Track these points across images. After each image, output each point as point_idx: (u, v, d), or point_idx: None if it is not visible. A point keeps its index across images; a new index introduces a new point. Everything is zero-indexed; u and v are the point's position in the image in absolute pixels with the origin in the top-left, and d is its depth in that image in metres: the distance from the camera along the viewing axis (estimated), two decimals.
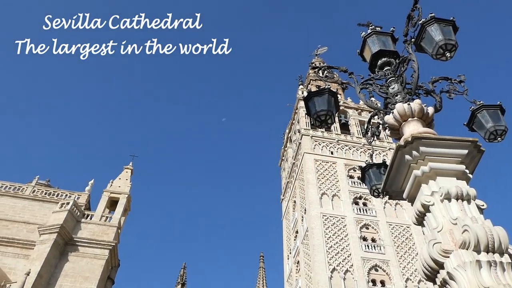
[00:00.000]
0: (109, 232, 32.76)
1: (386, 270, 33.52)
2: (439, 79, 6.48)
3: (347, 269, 33.03)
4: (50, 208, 33.87)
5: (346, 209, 38.11)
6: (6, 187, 35.70)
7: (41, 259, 28.63)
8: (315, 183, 40.22)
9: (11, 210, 33.81)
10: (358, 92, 6.57)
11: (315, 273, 32.62)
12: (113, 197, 35.98)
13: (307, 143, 45.09)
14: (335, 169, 42.50)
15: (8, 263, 30.03)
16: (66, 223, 31.22)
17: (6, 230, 32.23)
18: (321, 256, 33.59)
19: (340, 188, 40.19)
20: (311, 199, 38.74)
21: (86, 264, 30.29)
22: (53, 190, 36.60)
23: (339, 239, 35.25)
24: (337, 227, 36.24)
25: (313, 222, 36.44)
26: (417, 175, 4.97)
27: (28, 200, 34.89)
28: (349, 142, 46.31)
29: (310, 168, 42.05)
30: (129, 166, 39.90)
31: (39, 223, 32.15)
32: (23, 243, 31.26)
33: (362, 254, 34.32)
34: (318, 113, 6.52)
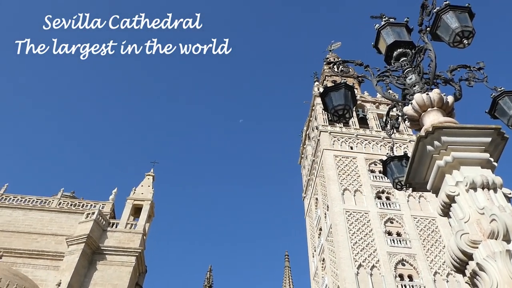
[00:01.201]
0: (135, 239, 33.19)
1: (413, 264, 33.04)
2: (458, 67, 6.37)
3: (373, 265, 32.68)
4: (76, 219, 34.53)
5: (369, 204, 37.73)
6: (33, 201, 36.56)
7: (70, 270, 29.20)
8: (336, 179, 39.95)
9: (39, 223, 34.61)
10: (375, 84, 6.51)
11: (341, 270, 32.38)
12: (137, 204, 36.45)
13: (326, 140, 44.82)
14: (355, 164, 42.14)
15: (40, 275, 30.71)
16: (92, 233, 31.77)
17: (35, 243, 33.00)
18: (346, 253, 33.32)
19: (361, 183, 39.82)
20: (333, 196, 38.50)
21: (114, 272, 30.74)
22: (78, 201, 37.32)
23: (364, 235, 34.92)
24: (361, 223, 35.91)
25: (336, 219, 36.19)
26: (440, 166, 4.90)
27: (55, 213, 35.64)
28: (368, 136, 45.86)
29: (330, 165, 41.78)
30: (151, 173, 40.37)
31: (67, 234, 32.80)
32: (53, 255, 31.94)
33: (387, 249, 33.91)
34: (336, 108, 6.49)
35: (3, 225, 34.24)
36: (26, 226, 34.29)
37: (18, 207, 35.78)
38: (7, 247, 31.39)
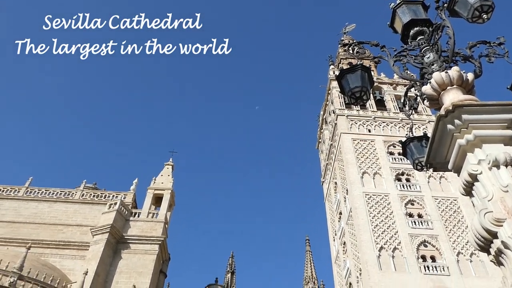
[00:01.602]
0: (157, 228, 33.77)
1: (435, 245, 32.83)
2: (477, 43, 6.22)
3: (395, 247, 32.59)
4: (99, 209, 35.28)
5: (389, 187, 37.48)
6: (57, 193, 37.48)
7: (96, 259, 29.95)
8: (354, 163, 39.74)
9: (64, 215, 35.50)
10: (392, 65, 6.42)
11: (362, 253, 32.40)
12: (157, 193, 36.99)
13: (343, 123, 44.50)
14: (374, 147, 41.80)
15: (67, 264, 31.61)
16: (115, 223, 32.43)
17: (61, 234, 33.90)
18: (367, 236, 33.29)
19: (381, 166, 39.53)
20: (352, 179, 38.35)
21: (138, 260, 31.41)
22: (100, 192, 38.07)
23: (384, 217, 34.78)
24: (381, 205, 35.75)
25: (356, 202, 36.11)
26: (461, 145, 4.83)
27: (79, 204, 36.47)
28: (386, 118, 45.34)
29: (348, 148, 41.55)
30: (170, 162, 40.82)
31: (91, 225, 33.57)
32: (78, 245, 32.79)
33: (409, 230, 33.73)
34: (353, 90, 6.44)
35: (30, 217, 35.23)
36: (52, 217, 35.21)
37: (43, 199, 36.73)
38: (34, 239, 32.33)
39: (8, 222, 34.74)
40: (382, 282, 29.99)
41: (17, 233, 33.76)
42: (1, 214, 35.46)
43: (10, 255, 27.38)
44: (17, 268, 23.78)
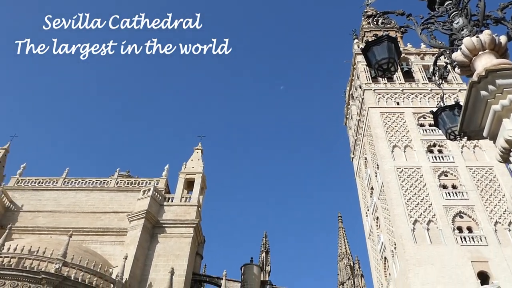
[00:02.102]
0: (190, 212, 34.49)
1: (471, 216, 32.22)
2: (509, 4, 5.97)
3: (430, 219, 32.18)
4: (134, 196, 36.28)
5: (421, 159, 36.83)
6: (93, 182, 38.77)
7: (134, 244, 30.96)
8: (384, 137, 39.16)
9: (101, 203, 36.73)
10: (419, 33, 6.26)
11: (396, 227, 32.18)
12: (189, 178, 37.64)
13: (370, 97, 43.75)
14: (403, 119, 40.99)
15: (107, 250, 32.84)
16: (150, 208, 33.31)
17: (100, 221, 35.15)
18: (400, 210, 32.98)
19: (411, 139, 38.81)
20: (382, 154, 37.86)
21: (175, 244, 32.27)
22: (133, 180, 39.11)
23: (417, 190, 34.30)
24: (414, 178, 35.23)
25: (387, 177, 35.71)
26: (496, 110, 4.71)
27: (114, 192, 37.62)
28: (415, 89, 44.25)
29: (377, 122, 40.91)
30: (199, 147, 41.35)
31: (127, 211, 34.62)
32: (117, 231, 33.96)
33: (443, 202, 33.19)
34: (379, 62, 6.34)
35: (69, 206, 36.64)
36: (89, 206, 36.51)
37: (80, 189, 38.08)
38: (75, 227, 33.69)
39: (49, 212, 36.27)
40: (418, 255, 29.79)
41: (59, 222, 35.24)
42: (42, 204, 37.04)
43: (53, 243, 28.62)
44: (61, 255, 24.86)
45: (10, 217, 36.02)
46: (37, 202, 37.24)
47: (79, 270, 24.93)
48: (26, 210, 36.67)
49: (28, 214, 36.33)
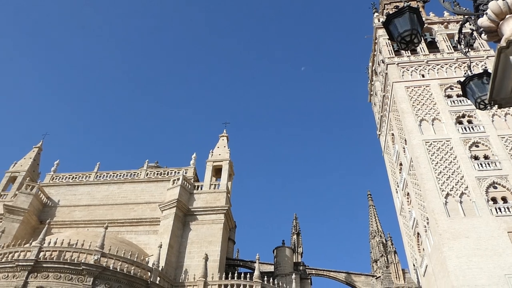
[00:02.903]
0: (220, 198, 34.94)
1: (506, 186, 31.42)
2: None
3: (462, 192, 31.57)
4: (164, 186, 37.01)
5: (450, 131, 36.00)
6: (124, 175, 39.73)
7: (168, 232, 31.68)
8: (411, 111, 38.40)
9: (133, 194, 37.64)
10: (443, 1, 6.09)
11: (428, 202, 31.74)
12: (216, 165, 38.05)
13: (394, 72, 42.84)
14: (429, 92, 40.05)
15: (142, 239, 33.76)
16: (181, 197, 33.93)
17: (133, 212, 36.09)
18: (431, 184, 32.47)
19: (439, 111, 37.93)
20: (409, 128, 37.20)
21: (207, 230, 32.85)
22: (162, 170, 39.83)
23: (448, 163, 33.63)
24: (443, 151, 34.53)
25: (416, 151, 35.13)
26: None
27: (145, 183, 38.46)
28: (440, 60, 43.03)
29: (403, 97, 40.11)
30: (224, 134, 41.64)
31: (158, 201, 35.38)
32: (150, 221, 34.81)
33: (476, 174, 32.46)
34: (402, 35, 6.21)
35: (103, 199, 37.72)
36: (122, 198, 37.49)
37: (112, 182, 39.10)
38: (110, 219, 34.71)
39: (85, 205, 37.48)
40: (452, 228, 29.37)
41: (94, 215, 36.39)
42: (78, 199, 38.28)
43: (90, 236, 29.61)
44: (99, 247, 25.72)
45: (48, 212, 37.43)
46: (72, 197, 38.51)
47: (117, 260, 25.74)
48: (62, 205, 38.00)
49: (65, 209, 37.64)
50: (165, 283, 27.22)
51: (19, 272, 24.08)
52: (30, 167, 41.81)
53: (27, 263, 24.14)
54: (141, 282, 25.49)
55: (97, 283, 24.18)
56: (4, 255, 25.71)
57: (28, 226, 35.63)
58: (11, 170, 41.59)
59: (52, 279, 23.87)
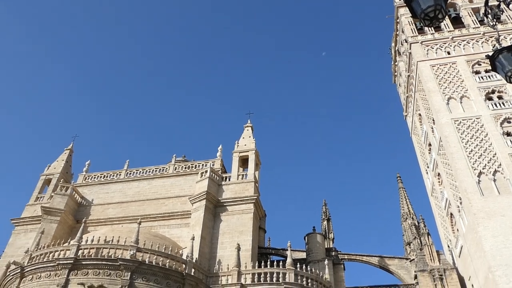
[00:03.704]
0: (248, 188, 35.19)
1: None
2: None
3: (495, 170, 30.78)
4: (192, 179, 37.54)
5: (480, 108, 35.05)
6: (153, 170, 40.50)
7: (199, 224, 32.18)
8: (437, 90, 37.55)
9: (163, 189, 38.35)
10: None
11: (460, 181, 31.10)
12: (243, 156, 38.26)
13: (418, 51, 41.88)
14: (456, 69, 39.01)
15: (175, 233, 34.43)
16: (209, 189, 34.36)
17: (164, 206, 36.79)
18: (462, 163, 31.78)
19: (467, 88, 36.94)
20: (437, 108, 36.40)
21: (237, 220, 33.18)
22: (190, 163, 40.37)
23: (479, 141, 32.81)
24: (474, 129, 33.69)
25: (445, 131, 34.39)
26: None
27: (173, 177, 39.10)
28: (466, 35, 41.77)
29: (428, 76, 39.23)
30: (248, 124, 41.78)
31: (188, 194, 35.94)
32: (181, 214, 35.43)
33: (509, 150, 31.58)
34: (425, 11, 6.09)
35: (134, 196, 38.60)
36: (153, 193, 38.25)
37: (142, 178, 39.92)
38: (142, 214, 35.51)
39: (117, 203, 38.45)
40: (486, 207, 28.74)
41: (127, 212, 37.30)
42: (110, 197, 39.29)
43: (125, 232, 30.38)
44: (134, 242, 26.38)
45: (83, 211, 38.60)
46: (105, 195, 39.56)
47: (152, 254, 26.36)
48: (96, 204, 39.10)
49: (98, 207, 38.73)
50: (200, 274, 27.72)
51: (60, 271, 24.99)
52: (63, 169, 43.10)
53: (67, 261, 25.01)
54: (176, 274, 26.05)
55: (135, 277, 24.87)
56: (45, 254, 26.69)
57: (65, 226, 36.84)
58: (46, 173, 42.97)
59: (92, 276, 24.68)
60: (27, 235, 36.97)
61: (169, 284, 25.67)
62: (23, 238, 36.87)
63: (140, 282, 24.85)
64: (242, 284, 26.89)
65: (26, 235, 37.02)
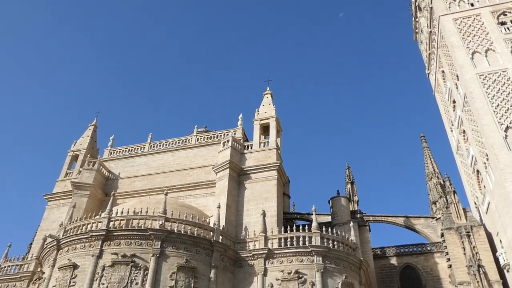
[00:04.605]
0: (270, 155, 35.35)
1: None
2: None
3: None
4: (215, 149, 37.94)
5: (506, 60, 33.77)
6: (176, 142, 41.06)
7: (224, 193, 32.73)
8: (461, 45, 36.25)
9: (187, 160, 38.95)
10: None
11: (486, 137, 30.43)
12: (263, 123, 38.25)
13: (440, 4, 40.25)
14: (480, 21, 37.44)
15: (201, 202, 35.18)
16: (232, 158, 34.70)
17: (189, 177, 37.48)
18: (488, 119, 30.98)
19: (492, 41, 35.52)
20: (461, 63, 35.25)
21: (261, 187, 33.56)
22: (212, 134, 40.68)
23: (506, 95, 31.79)
24: (500, 83, 32.60)
25: (470, 86, 33.41)
26: None
27: (196, 148, 39.60)
28: None
29: (451, 30, 37.82)
30: (268, 91, 41.53)
31: (211, 164, 36.42)
32: (206, 184, 36.06)
33: None
34: None
35: (159, 168, 39.39)
36: (177, 164, 38.94)
37: (166, 150, 40.59)
38: (168, 185, 36.32)
39: (143, 175, 39.37)
40: None
41: (153, 183, 38.19)
42: (136, 170, 40.23)
43: (153, 203, 31.21)
44: (162, 212, 27.13)
45: (111, 185, 39.74)
46: (131, 168, 40.52)
47: (180, 223, 27.10)
48: (123, 177, 40.15)
49: (125, 180, 39.76)
50: (228, 241, 28.42)
51: (94, 242, 26.04)
52: (88, 145, 44.16)
53: (99, 233, 26.00)
54: (205, 241, 26.79)
55: (165, 246, 25.72)
56: (79, 227, 27.79)
57: (95, 199, 38.08)
58: (73, 149, 44.16)
59: (124, 246, 25.64)
60: (59, 210, 38.51)
61: (198, 251, 26.47)
62: (56, 213, 38.45)
63: (170, 250, 25.70)
64: (269, 249, 27.48)
65: (59, 210, 38.57)
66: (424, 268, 38.16)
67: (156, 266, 24.84)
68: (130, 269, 24.64)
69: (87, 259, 25.53)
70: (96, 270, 24.87)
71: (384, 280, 38.73)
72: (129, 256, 25.07)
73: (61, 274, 25.85)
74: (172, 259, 25.42)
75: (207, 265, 26.31)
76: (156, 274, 24.56)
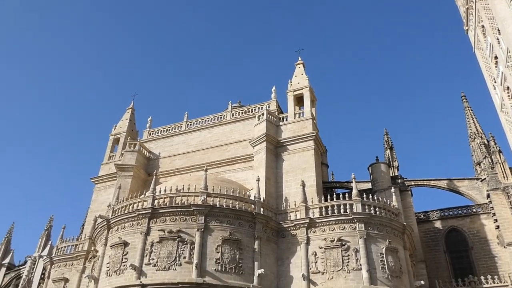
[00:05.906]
0: (306, 126, 35.20)
1: None
2: None
3: None
4: (251, 123, 38.16)
5: None
6: (211, 119, 41.58)
7: (262, 166, 33.08)
8: None
9: (224, 136, 39.46)
10: None
11: None
12: (297, 94, 37.99)
13: None
14: None
15: (240, 176, 35.73)
16: (268, 131, 34.83)
17: (227, 152, 38.03)
18: None
19: None
20: (502, 16, 33.24)
21: (299, 158, 33.64)
22: (246, 108, 40.84)
23: None
24: None
25: None
26: None
27: (232, 123, 39.97)
28: None
29: None
30: (299, 61, 41.03)
31: (248, 138, 36.74)
32: (244, 158, 36.52)
33: None
34: None
35: (197, 145, 40.14)
36: (214, 141, 39.54)
37: (202, 128, 41.22)
38: (207, 162, 37.04)
39: (183, 154, 40.30)
40: None
41: (193, 161, 39.06)
42: (175, 148, 41.20)
43: (193, 179, 32.00)
44: (203, 188, 27.82)
45: (152, 165, 40.96)
46: (170, 148, 41.54)
47: (221, 198, 27.73)
48: (163, 156, 41.27)
49: (166, 159, 40.86)
50: (269, 212, 28.87)
51: (141, 220, 27.14)
52: (128, 127, 45.45)
53: (146, 211, 27.04)
54: (247, 214, 27.35)
55: (209, 220, 26.47)
56: (126, 207, 28.98)
57: (139, 179, 39.44)
58: (113, 132, 45.61)
59: (170, 222, 26.59)
60: (106, 191, 40.22)
61: (241, 224, 27.09)
62: (104, 194, 40.19)
63: (214, 224, 26.45)
64: (310, 218, 27.71)
65: (106, 191, 40.28)
66: (470, 230, 37.49)
67: (202, 240, 25.67)
68: (177, 244, 25.59)
69: (136, 237, 26.69)
70: (146, 246, 25.99)
71: (428, 244, 38.40)
72: (175, 232, 26.00)
73: (113, 252, 27.22)
74: (217, 233, 26.16)
75: (251, 236, 26.91)
76: (202, 247, 25.40)
